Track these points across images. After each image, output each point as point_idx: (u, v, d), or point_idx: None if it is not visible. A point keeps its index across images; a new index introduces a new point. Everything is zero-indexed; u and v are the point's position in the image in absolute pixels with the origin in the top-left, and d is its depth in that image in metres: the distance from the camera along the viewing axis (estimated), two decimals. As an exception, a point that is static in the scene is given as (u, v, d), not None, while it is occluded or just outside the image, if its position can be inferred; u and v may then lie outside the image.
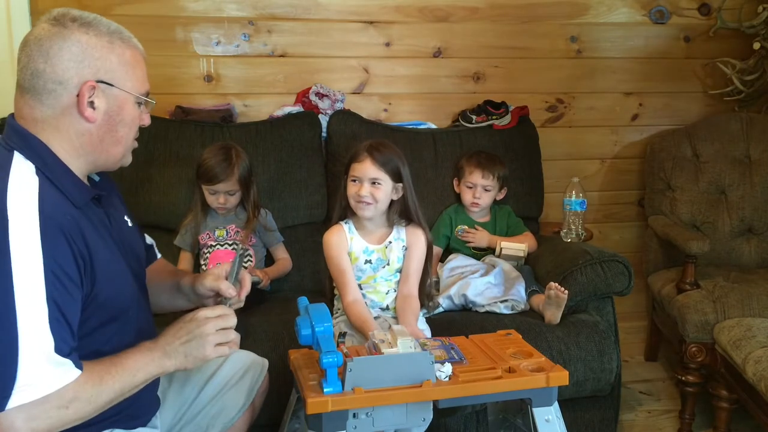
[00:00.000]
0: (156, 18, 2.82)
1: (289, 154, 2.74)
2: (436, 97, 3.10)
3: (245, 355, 1.76)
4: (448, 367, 1.57)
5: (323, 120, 2.87)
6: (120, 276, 1.44)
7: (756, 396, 2.14)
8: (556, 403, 1.64)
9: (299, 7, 2.92)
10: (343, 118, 2.86)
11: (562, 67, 3.16)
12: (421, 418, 1.59)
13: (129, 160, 1.50)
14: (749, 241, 2.95)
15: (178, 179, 2.62)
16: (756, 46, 3.06)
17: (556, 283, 2.21)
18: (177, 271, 1.81)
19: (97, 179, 1.53)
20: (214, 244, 2.48)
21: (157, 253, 1.82)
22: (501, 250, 2.60)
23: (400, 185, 2.11)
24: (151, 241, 1.80)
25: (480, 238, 2.67)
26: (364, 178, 2.06)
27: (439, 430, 2.19)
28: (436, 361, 1.59)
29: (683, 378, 2.54)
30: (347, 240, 2.12)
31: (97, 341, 1.40)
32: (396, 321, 2.07)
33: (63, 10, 1.37)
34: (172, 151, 2.65)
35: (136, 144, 1.50)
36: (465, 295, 2.37)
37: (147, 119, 1.50)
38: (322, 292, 2.28)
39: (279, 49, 2.95)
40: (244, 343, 1.87)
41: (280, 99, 2.97)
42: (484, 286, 2.42)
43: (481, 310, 2.36)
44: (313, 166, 2.78)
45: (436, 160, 2.84)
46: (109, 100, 1.38)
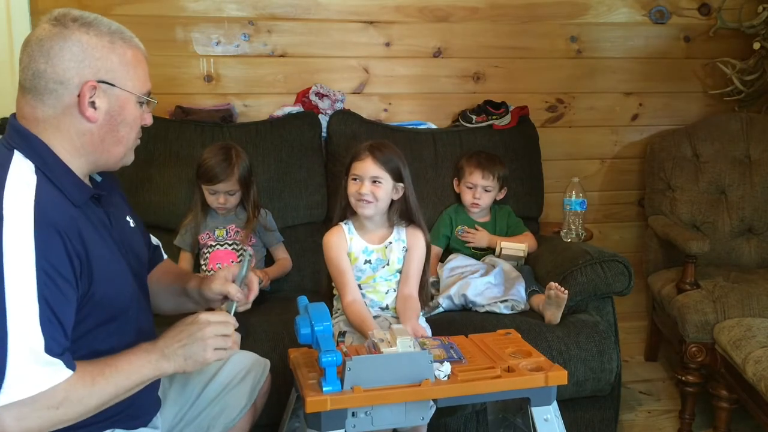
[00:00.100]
0: (156, 18, 2.82)
1: (289, 154, 2.74)
2: (436, 97, 3.10)
3: (247, 356, 1.75)
4: (447, 367, 1.57)
5: (323, 120, 2.87)
6: (119, 276, 1.44)
7: (756, 396, 2.14)
8: (555, 403, 1.64)
9: (299, 7, 2.92)
10: (343, 118, 2.86)
11: (562, 67, 3.16)
12: (420, 417, 1.59)
13: (131, 159, 1.50)
14: (749, 241, 2.95)
15: (178, 179, 2.62)
16: (756, 46, 3.06)
17: (556, 283, 2.21)
18: (183, 273, 1.80)
19: (99, 179, 1.52)
20: (214, 244, 2.48)
21: (164, 255, 1.81)
22: (501, 250, 2.60)
23: (400, 185, 2.11)
24: (158, 242, 1.80)
25: (480, 238, 2.67)
26: (365, 177, 2.07)
27: (440, 430, 2.19)
28: (435, 361, 1.59)
29: (683, 378, 2.54)
30: (347, 240, 2.12)
31: (96, 341, 1.39)
32: (396, 320, 2.07)
33: (64, 10, 1.37)
34: (172, 151, 2.65)
35: (138, 142, 1.49)
36: (465, 295, 2.37)
37: (149, 119, 1.49)
38: (319, 290, 2.28)
39: (279, 49, 2.95)
40: (245, 343, 1.89)
41: (280, 99, 2.97)
42: (484, 286, 2.42)
43: (481, 310, 2.36)
44: (313, 166, 2.78)
45: (436, 160, 2.84)
46: (110, 99, 1.37)
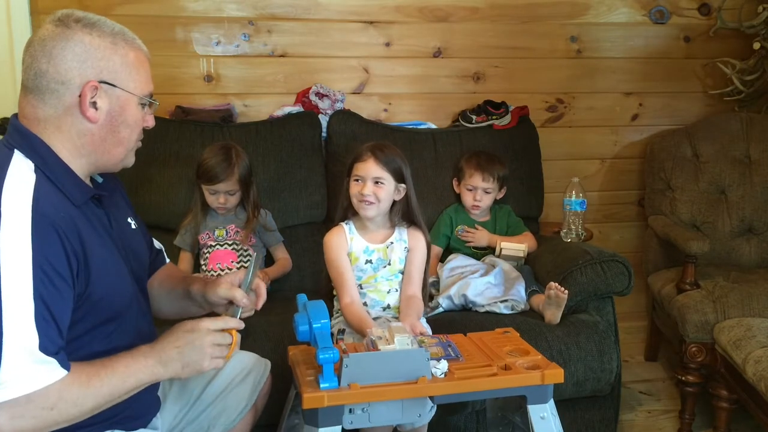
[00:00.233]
0: (156, 18, 2.83)
1: (289, 154, 2.74)
2: (436, 97, 3.10)
3: (248, 357, 1.75)
4: (444, 364, 1.58)
5: (323, 120, 2.87)
6: (117, 276, 1.43)
7: (756, 396, 2.14)
8: (552, 401, 1.64)
9: (299, 7, 2.93)
10: (343, 118, 2.86)
11: (562, 67, 3.17)
12: (416, 414, 1.59)
13: (131, 161, 1.50)
14: (749, 241, 2.94)
15: (178, 179, 2.63)
16: (756, 46, 3.06)
17: (556, 283, 2.21)
18: (186, 276, 1.79)
19: (100, 180, 1.52)
20: (213, 244, 2.48)
21: (166, 258, 1.81)
22: (501, 250, 2.59)
23: (402, 186, 2.11)
24: (160, 245, 1.80)
25: (480, 237, 2.67)
26: (367, 177, 2.06)
27: (440, 429, 2.19)
28: (433, 358, 1.59)
29: (683, 378, 2.53)
30: (347, 240, 2.12)
31: (95, 342, 1.39)
32: (397, 321, 2.07)
33: (67, 11, 1.37)
34: (172, 151, 2.66)
35: (139, 144, 1.49)
36: (465, 295, 2.37)
37: (151, 121, 1.49)
38: (324, 289, 2.27)
39: (279, 49, 2.96)
40: (245, 344, 1.88)
41: (280, 99, 2.97)
42: (484, 286, 2.41)
43: (481, 310, 2.36)
44: (313, 166, 2.78)
45: (436, 160, 2.84)
46: (111, 100, 1.37)
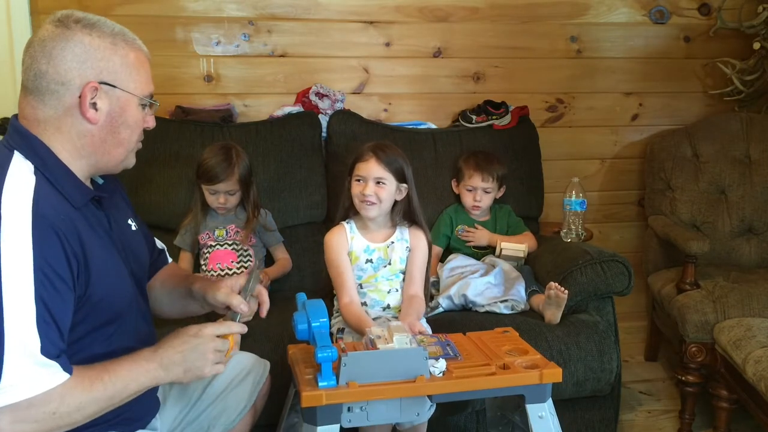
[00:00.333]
0: (156, 18, 2.83)
1: (289, 154, 2.74)
2: (436, 97, 3.10)
3: (247, 357, 1.75)
4: (442, 363, 1.57)
5: (323, 120, 2.87)
6: (117, 278, 1.43)
7: (756, 396, 2.14)
8: (550, 400, 1.64)
9: (299, 7, 2.93)
10: (343, 118, 2.86)
11: (562, 67, 3.17)
12: (415, 412, 1.59)
13: (132, 162, 1.49)
14: (749, 241, 2.94)
15: (178, 179, 2.63)
16: (756, 46, 3.05)
17: (556, 283, 2.21)
18: (188, 275, 1.79)
19: (100, 182, 1.52)
20: (213, 244, 2.48)
21: (168, 258, 1.81)
22: (501, 250, 2.59)
23: (404, 186, 2.11)
24: (162, 245, 1.80)
25: (480, 237, 2.67)
26: (368, 178, 2.06)
27: (440, 428, 2.19)
28: (431, 357, 1.59)
29: (683, 378, 2.53)
30: (347, 240, 2.11)
31: (95, 345, 1.39)
32: (397, 321, 2.07)
33: (67, 11, 1.37)
34: (172, 151, 2.66)
35: (140, 145, 1.48)
36: (465, 295, 2.37)
37: (151, 121, 1.48)
38: (323, 290, 2.27)
39: (279, 49, 2.96)
40: (244, 344, 1.88)
41: (280, 99, 2.97)
42: (484, 286, 2.41)
43: (481, 310, 2.36)
44: (313, 166, 2.78)
45: (436, 160, 2.84)
46: (111, 101, 1.37)
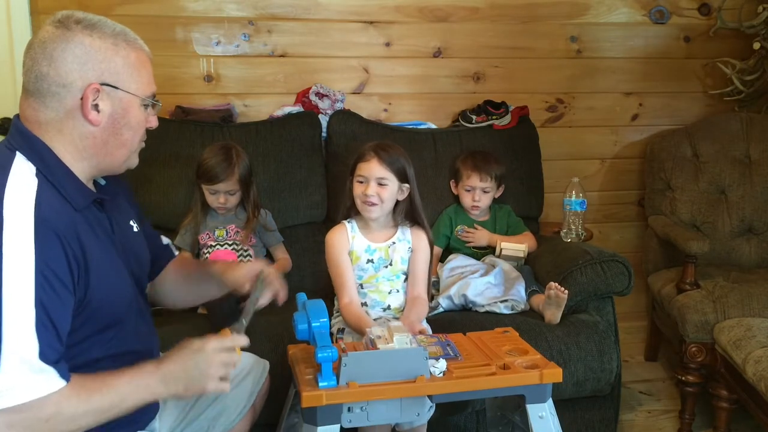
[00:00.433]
0: (156, 18, 2.83)
1: (289, 154, 2.74)
2: (436, 97, 3.10)
3: (247, 357, 1.75)
4: (442, 363, 1.57)
5: (323, 120, 2.87)
6: (117, 282, 1.42)
7: (756, 396, 2.14)
8: (550, 400, 1.64)
9: (299, 7, 2.93)
10: (343, 118, 2.86)
11: (562, 67, 3.17)
12: (415, 413, 1.59)
13: (135, 162, 1.48)
14: (749, 241, 2.94)
15: (178, 179, 2.63)
16: (756, 46, 3.05)
17: (556, 283, 2.21)
18: (201, 261, 1.79)
19: (103, 183, 1.51)
20: (213, 244, 2.48)
21: (175, 251, 1.81)
22: (501, 250, 2.59)
23: (405, 186, 2.10)
24: (168, 240, 1.80)
25: (480, 237, 2.67)
26: (370, 178, 2.05)
27: (440, 429, 2.19)
28: (431, 357, 1.59)
29: (683, 378, 2.53)
30: (348, 239, 2.11)
31: (93, 349, 1.38)
32: (397, 321, 2.07)
33: (68, 12, 1.36)
34: (172, 151, 2.66)
35: (142, 145, 1.48)
36: (465, 295, 2.37)
37: (154, 122, 1.47)
38: (323, 290, 2.27)
39: (279, 49, 2.96)
40: (244, 344, 1.88)
41: (280, 99, 2.97)
42: (484, 286, 2.41)
43: (481, 310, 2.36)
44: (313, 166, 2.78)
45: (436, 160, 2.84)
46: (113, 102, 1.36)
